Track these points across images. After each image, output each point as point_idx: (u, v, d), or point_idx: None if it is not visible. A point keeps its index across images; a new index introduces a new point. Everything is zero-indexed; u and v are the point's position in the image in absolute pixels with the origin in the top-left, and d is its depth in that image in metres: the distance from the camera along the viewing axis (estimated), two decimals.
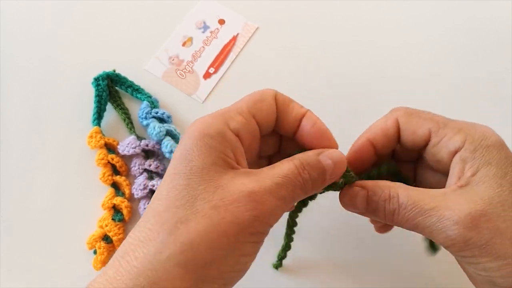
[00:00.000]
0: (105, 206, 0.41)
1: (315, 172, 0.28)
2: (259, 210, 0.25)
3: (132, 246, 0.25)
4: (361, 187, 0.30)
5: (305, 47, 0.50)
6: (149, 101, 0.44)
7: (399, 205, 0.28)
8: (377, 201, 0.29)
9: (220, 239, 0.24)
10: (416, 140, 0.30)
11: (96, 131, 0.43)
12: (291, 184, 0.27)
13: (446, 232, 0.26)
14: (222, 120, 0.28)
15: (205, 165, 0.26)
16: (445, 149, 0.29)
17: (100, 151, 0.42)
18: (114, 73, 0.45)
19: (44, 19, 0.50)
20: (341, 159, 0.29)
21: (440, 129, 0.29)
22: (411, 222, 0.27)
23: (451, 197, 0.27)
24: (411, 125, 0.30)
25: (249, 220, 0.25)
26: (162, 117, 0.44)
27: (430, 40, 0.50)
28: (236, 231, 0.25)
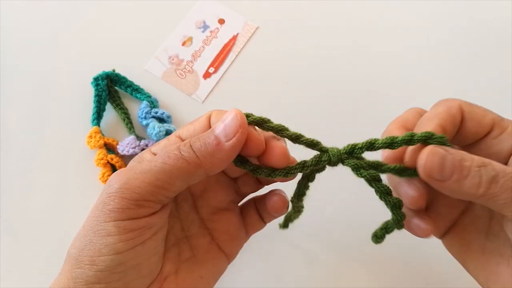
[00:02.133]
0: None
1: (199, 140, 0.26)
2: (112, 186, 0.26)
3: None
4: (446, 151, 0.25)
5: (305, 46, 0.50)
6: (148, 101, 0.44)
7: (497, 172, 0.24)
8: (470, 166, 0.24)
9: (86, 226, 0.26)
10: (479, 131, 0.28)
11: (96, 131, 0.43)
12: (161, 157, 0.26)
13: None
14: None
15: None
16: (505, 142, 0.27)
17: (99, 151, 0.42)
18: (113, 73, 0.45)
19: (44, 19, 0.50)
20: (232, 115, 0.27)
21: (502, 120, 0.28)
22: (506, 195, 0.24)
23: None
24: (475, 114, 0.28)
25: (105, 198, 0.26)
26: (162, 117, 0.44)
27: (431, 42, 0.50)
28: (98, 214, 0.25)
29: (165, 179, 0.25)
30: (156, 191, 0.25)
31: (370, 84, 0.48)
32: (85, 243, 0.25)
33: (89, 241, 0.25)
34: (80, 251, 0.25)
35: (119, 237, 0.25)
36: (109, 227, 0.25)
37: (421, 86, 0.48)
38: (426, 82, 0.49)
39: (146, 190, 0.25)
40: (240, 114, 0.27)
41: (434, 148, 0.25)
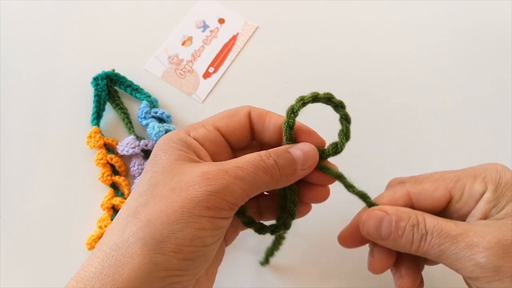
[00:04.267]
0: (104, 207, 0.41)
1: (283, 160, 0.29)
2: (212, 185, 0.26)
3: (103, 236, 0.27)
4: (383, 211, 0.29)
5: (305, 46, 0.50)
6: (148, 100, 0.44)
7: (426, 231, 0.27)
8: (405, 226, 0.28)
9: (175, 214, 0.25)
10: (435, 205, 0.30)
11: (95, 131, 0.43)
12: (251, 166, 0.27)
13: (475, 259, 0.25)
14: (184, 131, 0.30)
15: (168, 160, 0.28)
16: (470, 200, 0.29)
17: (99, 151, 0.42)
18: (113, 72, 0.45)
19: (44, 19, 0.50)
20: (312, 150, 0.30)
21: (457, 183, 0.29)
22: (436, 249, 0.27)
23: (478, 226, 0.27)
24: (424, 192, 0.30)
25: (203, 195, 0.26)
26: (162, 117, 0.44)
27: (431, 44, 0.50)
28: (191, 206, 0.26)
29: (253, 189, 0.28)
30: (245, 198, 0.28)
31: (370, 84, 0.48)
32: (172, 231, 0.25)
33: (179, 229, 0.25)
34: (165, 237, 0.25)
35: (212, 232, 0.26)
36: (205, 222, 0.26)
37: (421, 86, 0.48)
38: (426, 82, 0.48)
39: (241, 197, 0.27)
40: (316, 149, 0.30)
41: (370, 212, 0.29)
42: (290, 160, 0.29)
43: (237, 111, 0.31)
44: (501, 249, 0.25)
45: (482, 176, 0.28)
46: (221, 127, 0.31)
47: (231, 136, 0.31)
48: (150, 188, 0.27)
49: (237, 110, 0.32)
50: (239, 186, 0.27)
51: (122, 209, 0.28)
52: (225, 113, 0.32)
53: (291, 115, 0.31)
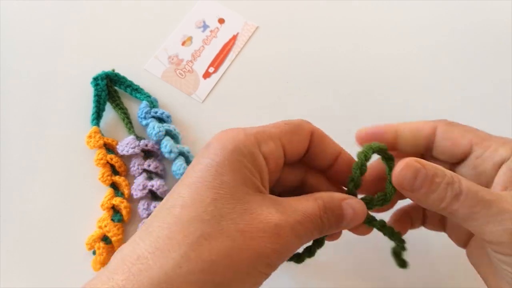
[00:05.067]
0: (104, 207, 0.41)
1: (334, 217, 0.28)
2: (280, 244, 0.25)
3: (146, 252, 0.24)
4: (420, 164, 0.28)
5: (305, 46, 0.49)
6: (148, 100, 0.44)
7: (461, 190, 0.26)
8: (440, 182, 0.27)
9: (240, 263, 0.24)
10: (455, 152, 0.30)
11: (95, 131, 0.43)
12: (311, 223, 0.27)
13: (505, 224, 0.25)
14: (255, 141, 0.28)
15: (235, 183, 0.26)
16: (489, 160, 0.28)
17: (99, 151, 0.42)
18: (113, 72, 0.45)
19: (44, 19, 0.50)
20: (362, 211, 0.29)
21: (484, 141, 0.29)
22: (467, 210, 0.26)
23: (508, 196, 0.26)
24: (452, 134, 0.30)
25: (270, 252, 0.25)
26: (162, 117, 0.44)
27: (431, 44, 0.50)
28: (256, 259, 0.25)
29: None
30: None
31: (370, 84, 0.48)
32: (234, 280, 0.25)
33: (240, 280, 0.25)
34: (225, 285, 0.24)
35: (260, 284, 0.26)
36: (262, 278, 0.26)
37: (421, 86, 0.48)
38: (426, 82, 0.48)
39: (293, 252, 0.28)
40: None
41: (410, 161, 0.28)
42: (340, 218, 0.29)
43: (301, 128, 0.30)
44: None
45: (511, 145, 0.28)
46: (285, 144, 0.29)
47: (290, 154, 0.30)
48: (216, 217, 0.25)
49: (300, 126, 0.30)
50: (297, 246, 0.27)
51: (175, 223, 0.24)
52: (288, 127, 0.30)
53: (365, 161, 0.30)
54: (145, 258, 0.23)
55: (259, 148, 0.28)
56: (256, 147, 0.27)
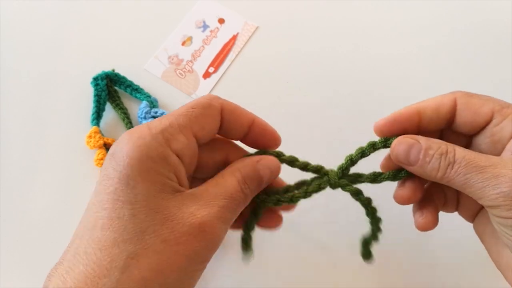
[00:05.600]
0: None
1: (254, 183, 0.29)
2: (209, 239, 0.25)
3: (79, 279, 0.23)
4: (415, 140, 0.29)
5: (305, 46, 0.50)
6: (148, 100, 0.44)
7: (454, 160, 0.28)
8: (433, 154, 0.29)
9: (173, 274, 0.24)
10: (476, 120, 0.30)
11: (95, 131, 0.43)
12: (235, 203, 0.27)
13: (500, 187, 0.26)
14: (164, 141, 0.26)
15: (150, 193, 0.25)
16: (507, 127, 0.29)
17: (99, 151, 0.42)
18: (113, 72, 0.45)
19: (44, 19, 0.50)
20: (277, 166, 0.31)
21: (503, 108, 0.29)
22: (462, 177, 0.27)
23: (509, 161, 0.27)
24: (472, 104, 0.30)
25: (200, 250, 0.25)
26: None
27: (431, 44, 0.50)
28: (188, 263, 0.25)
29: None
30: None
31: (370, 84, 0.48)
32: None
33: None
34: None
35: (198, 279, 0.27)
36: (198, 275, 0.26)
37: (421, 86, 0.48)
38: (426, 83, 0.48)
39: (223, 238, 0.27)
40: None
41: (401, 138, 0.30)
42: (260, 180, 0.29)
43: (210, 108, 0.29)
44: None
45: None
46: (197, 131, 0.28)
47: (203, 138, 0.29)
48: (137, 234, 0.24)
49: (209, 106, 0.29)
50: (226, 229, 0.27)
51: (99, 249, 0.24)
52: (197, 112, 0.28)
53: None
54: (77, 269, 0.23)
55: (169, 147, 0.26)
56: (166, 147, 0.26)
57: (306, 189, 0.31)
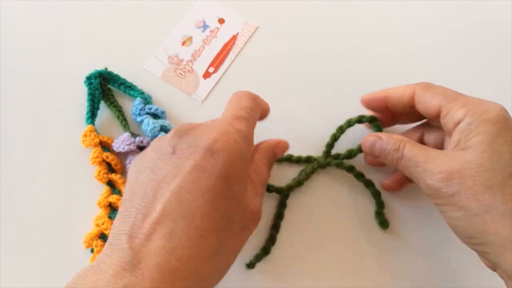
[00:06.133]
0: (101, 205, 0.41)
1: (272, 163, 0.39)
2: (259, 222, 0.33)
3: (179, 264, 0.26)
4: (378, 137, 0.37)
5: (305, 46, 0.49)
6: (142, 97, 0.44)
7: (402, 155, 0.35)
8: (389, 149, 0.36)
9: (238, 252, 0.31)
10: (429, 112, 0.36)
11: (90, 130, 0.43)
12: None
13: (426, 180, 0.32)
14: (249, 144, 0.33)
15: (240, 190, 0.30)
16: (450, 120, 0.34)
17: (94, 149, 0.42)
18: (106, 71, 0.45)
19: (44, 19, 0.50)
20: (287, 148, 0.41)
21: (448, 103, 0.34)
22: (406, 170, 0.35)
23: (441, 156, 0.33)
24: (424, 98, 0.36)
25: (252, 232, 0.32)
26: (156, 113, 0.44)
27: (431, 44, 0.50)
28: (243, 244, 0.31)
29: None
30: None
31: (370, 84, 0.48)
32: None
33: None
34: None
35: None
36: None
37: None
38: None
39: None
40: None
41: (367, 136, 0.39)
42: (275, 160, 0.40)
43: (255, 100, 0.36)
44: (446, 176, 0.31)
45: (469, 108, 0.33)
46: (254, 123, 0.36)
47: None
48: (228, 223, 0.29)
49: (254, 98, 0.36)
50: None
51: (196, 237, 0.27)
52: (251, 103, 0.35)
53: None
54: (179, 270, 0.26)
55: (250, 150, 0.33)
56: (250, 148, 0.32)
57: (305, 171, 0.42)
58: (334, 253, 0.41)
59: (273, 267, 0.41)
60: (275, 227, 0.41)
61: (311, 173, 0.42)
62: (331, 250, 0.41)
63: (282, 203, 0.41)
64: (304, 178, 0.41)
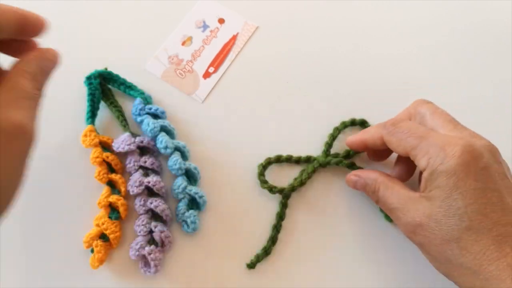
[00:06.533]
0: (101, 205, 0.40)
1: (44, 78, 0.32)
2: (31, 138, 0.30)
3: None
4: (358, 176, 0.40)
5: (305, 46, 0.49)
6: (142, 97, 0.44)
7: (378, 198, 0.38)
8: (369, 190, 0.39)
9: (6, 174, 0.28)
10: (399, 154, 0.38)
11: (90, 130, 0.42)
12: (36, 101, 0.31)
13: (399, 226, 0.36)
14: None
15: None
16: (418, 166, 0.35)
17: (95, 149, 0.42)
18: (106, 71, 0.45)
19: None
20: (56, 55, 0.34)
21: (413, 150, 0.35)
22: (384, 210, 0.38)
23: (409, 203, 0.35)
24: (391, 144, 0.37)
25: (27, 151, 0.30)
26: (156, 113, 0.43)
27: (431, 44, 0.50)
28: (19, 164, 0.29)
29: None
30: None
31: (370, 84, 0.48)
32: None
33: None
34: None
35: None
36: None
37: (421, 86, 0.48)
38: (427, 83, 0.48)
39: None
40: None
41: (349, 175, 0.41)
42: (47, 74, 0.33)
43: None
44: (411, 228, 0.34)
45: (429, 156, 0.33)
46: None
47: None
48: None
49: None
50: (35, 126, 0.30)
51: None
52: None
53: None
54: None
55: None
56: None
57: (306, 171, 0.43)
58: (337, 252, 0.41)
59: (273, 268, 0.41)
60: (276, 227, 0.41)
61: (312, 172, 0.42)
62: (333, 249, 0.41)
63: (284, 203, 0.42)
64: (306, 178, 0.42)
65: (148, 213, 0.40)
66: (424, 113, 0.38)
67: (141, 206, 0.40)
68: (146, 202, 0.40)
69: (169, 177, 0.43)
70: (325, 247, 0.42)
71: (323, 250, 0.41)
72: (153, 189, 0.41)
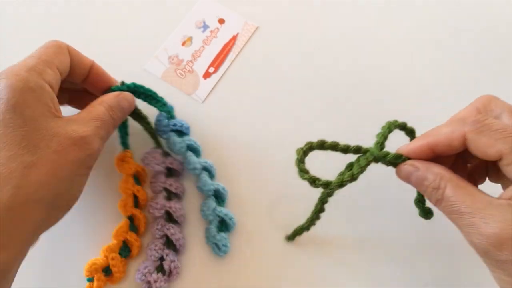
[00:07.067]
0: (116, 238, 0.39)
1: (118, 110, 0.37)
2: (91, 149, 0.33)
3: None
4: (415, 167, 0.32)
5: (305, 46, 0.50)
6: (165, 110, 0.42)
7: (443, 197, 0.30)
8: (427, 185, 0.31)
9: (66, 176, 0.31)
10: (487, 157, 0.30)
11: (128, 156, 0.41)
12: (106, 124, 0.35)
13: (472, 237, 0.28)
14: (36, 74, 0.32)
15: (35, 117, 0.31)
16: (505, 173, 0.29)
17: (127, 178, 0.40)
18: (133, 84, 0.41)
19: (44, 19, 0.50)
20: (132, 99, 0.40)
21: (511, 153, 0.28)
22: (448, 215, 0.30)
23: (492, 209, 0.27)
24: (480, 144, 0.29)
25: (85, 158, 0.32)
26: (181, 129, 0.42)
27: (431, 44, 0.50)
28: (77, 167, 0.32)
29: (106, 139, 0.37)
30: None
31: (370, 84, 0.48)
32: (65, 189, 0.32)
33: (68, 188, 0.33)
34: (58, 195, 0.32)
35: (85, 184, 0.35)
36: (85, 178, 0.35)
37: (421, 86, 0.48)
38: (427, 82, 0.48)
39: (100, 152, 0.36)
40: None
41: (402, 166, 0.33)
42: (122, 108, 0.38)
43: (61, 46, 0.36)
44: (496, 240, 0.26)
45: None
46: (58, 65, 0.35)
47: (64, 73, 0.36)
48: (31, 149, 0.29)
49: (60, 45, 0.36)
50: (102, 145, 0.35)
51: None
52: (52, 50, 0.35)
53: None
54: None
55: (43, 79, 0.32)
56: (40, 78, 0.32)
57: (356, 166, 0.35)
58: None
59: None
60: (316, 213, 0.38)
61: (366, 166, 0.35)
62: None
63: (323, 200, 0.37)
64: (359, 172, 0.35)
65: (163, 238, 0.39)
66: (500, 113, 0.31)
67: (158, 230, 0.39)
68: (164, 227, 0.40)
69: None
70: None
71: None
72: (173, 216, 0.40)
